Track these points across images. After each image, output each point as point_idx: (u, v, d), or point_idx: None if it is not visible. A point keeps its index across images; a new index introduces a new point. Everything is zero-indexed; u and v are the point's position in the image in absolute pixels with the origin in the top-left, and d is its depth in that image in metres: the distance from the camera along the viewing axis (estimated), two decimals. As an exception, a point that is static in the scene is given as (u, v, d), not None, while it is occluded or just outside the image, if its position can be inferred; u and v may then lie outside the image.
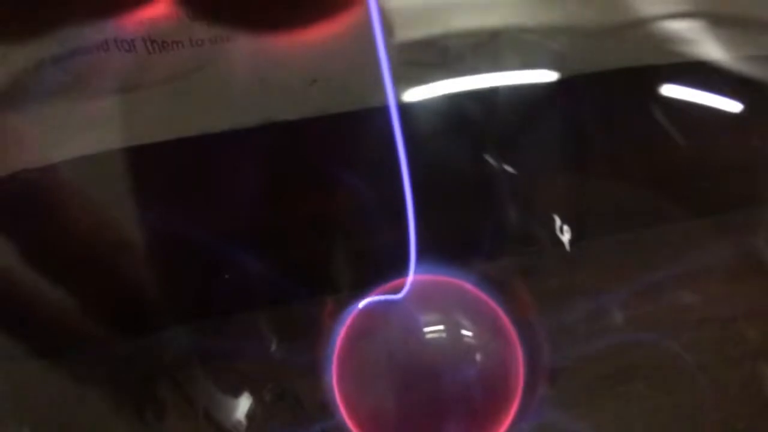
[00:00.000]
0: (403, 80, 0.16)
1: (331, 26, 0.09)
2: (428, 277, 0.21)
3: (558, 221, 0.22)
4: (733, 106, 0.21)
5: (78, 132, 0.21)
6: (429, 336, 0.20)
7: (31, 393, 0.21)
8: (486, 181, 0.22)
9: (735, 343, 0.23)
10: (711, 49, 0.21)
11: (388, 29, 0.14)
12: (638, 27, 0.21)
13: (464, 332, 0.20)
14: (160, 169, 0.23)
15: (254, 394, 0.22)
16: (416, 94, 0.18)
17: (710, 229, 0.24)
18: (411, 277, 0.20)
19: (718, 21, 0.21)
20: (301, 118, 0.23)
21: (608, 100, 0.22)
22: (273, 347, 0.22)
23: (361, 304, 0.21)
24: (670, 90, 0.21)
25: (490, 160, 0.22)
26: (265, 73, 0.21)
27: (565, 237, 0.22)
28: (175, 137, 0.23)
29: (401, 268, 0.21)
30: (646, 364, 0.23)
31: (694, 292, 0.23)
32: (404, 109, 0.18)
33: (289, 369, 0.22)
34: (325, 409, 0.22)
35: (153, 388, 0.22)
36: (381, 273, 0.22)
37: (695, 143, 0.22)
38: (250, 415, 0.22)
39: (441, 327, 0.20)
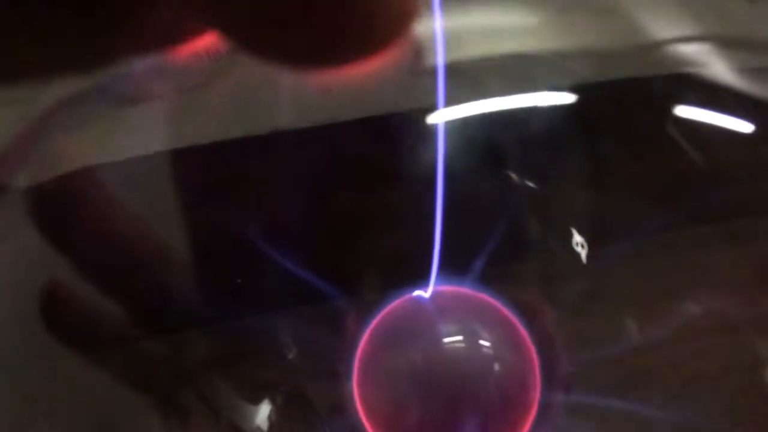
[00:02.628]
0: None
1: (372, 64, 0.09)
2: (447, 288, 0.21)
3: (575, 233, 0.23)
4: (743, 121, 0.22)
5: (105, 138, 0.22)
6: (448, 346, 0.20)
7: (56, 395, 0.22)
8: (504, 194, 0.23)
9: (744, 351, 0.23)
10: (722, 68, 0.21)
11: (419, 53, 0.15)
12: (652, 49, 0.21)
13: (482, 342, 0.20)
14: (179, 176, 0.23)
15: (272, 398, 0.22)
16: (439, 113, 0.18)
17: (719, 238, 0.24)
18: (433, 285, 0.20)
19: (728, 42, 0.21)
20: (312, 125, 0.23)
21: (623, 116, 0.23)
22: (292, 354, 0.23)
23: (385, 309, 0.21)
24: (683, 108, 0.22)
25: (512, 175, 0.22)
26: (277, 82, 0.21)
27: (581, 249, 0.23)
28: (187, 145, 0.23)
29: (420, 276, 0.21)
30: (657, 371, 0.23)
31: (705, 301, 0.24)
32: (427, 126, 0.19)
33: (308, 374, 0.23)
34: (336, 411, 0.22)
35: (177, 394, 0.22)
36: (400, 280, 0.22)
37: (706, 156, 0.22)
38: (271, 420, 0.22)
39: (460, 337, 0.20)
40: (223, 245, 0.23)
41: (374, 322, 0.21)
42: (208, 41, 0.10)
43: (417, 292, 0.21)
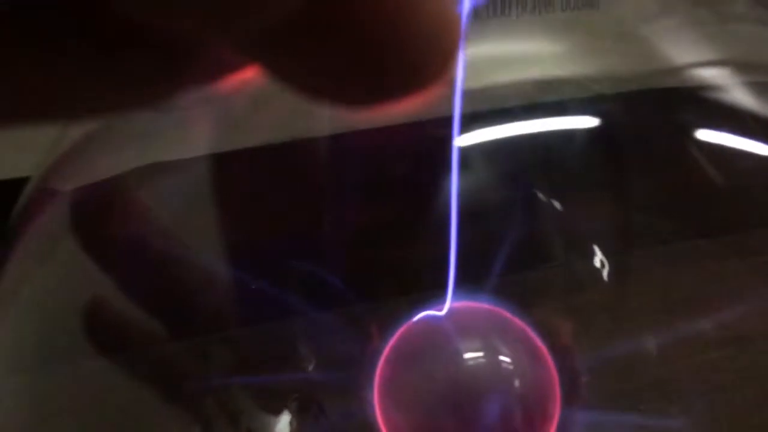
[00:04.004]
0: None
1: (411, 103, 0.09)
2: (466, 304, 0.21)
3: (597, 251, 0.23)
4: (759, 140, 0.22)
5: (139, 145, 0.22)
6: (468, 363, 0.20)
7: (80, 397, 0.22)
8: (529, 210, 0.23)
9: (759, 362, 0.24)
10: (739, 89, 0.21)
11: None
12: (673, 71, 0.21)
13: (502, 358, 0.21)
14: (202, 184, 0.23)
15: (290, 408, 0.22)
16: (466, 136, 0.19)
17: (734, 250, 0.25)
18: (450, 300, 0.20)
19: (746, 65, 0.22)
20: (332, 134, 0.23)
21: (644, 136, 0.23)
22: (311, 365, 0.23)
23: (404, 327, 0.21)
24: (702, 127, 0.22)
25: (538, 193, 0.22)
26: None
27: (602, 267, 0.23)
28: (210, 153, 0.23)
29: (443, 286, 0.21)
30: (673, 382, 0.23)
31: (720, 313, 0.24)
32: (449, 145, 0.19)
33: (327, 385, 0.23)
34: (354, 422, 0.22)
35: (198, 402, 0.22)
36: (424, 288, 0.22)
37: (723, 172, 0.23)
38: (291, 429, 0.22)
39: (480, 354, 0.21)
40: (249, 252, 0.23)
41: (393, 341, 0.21)
42: (250, 74, 0.10)
43: (434, 310, 0.21)
